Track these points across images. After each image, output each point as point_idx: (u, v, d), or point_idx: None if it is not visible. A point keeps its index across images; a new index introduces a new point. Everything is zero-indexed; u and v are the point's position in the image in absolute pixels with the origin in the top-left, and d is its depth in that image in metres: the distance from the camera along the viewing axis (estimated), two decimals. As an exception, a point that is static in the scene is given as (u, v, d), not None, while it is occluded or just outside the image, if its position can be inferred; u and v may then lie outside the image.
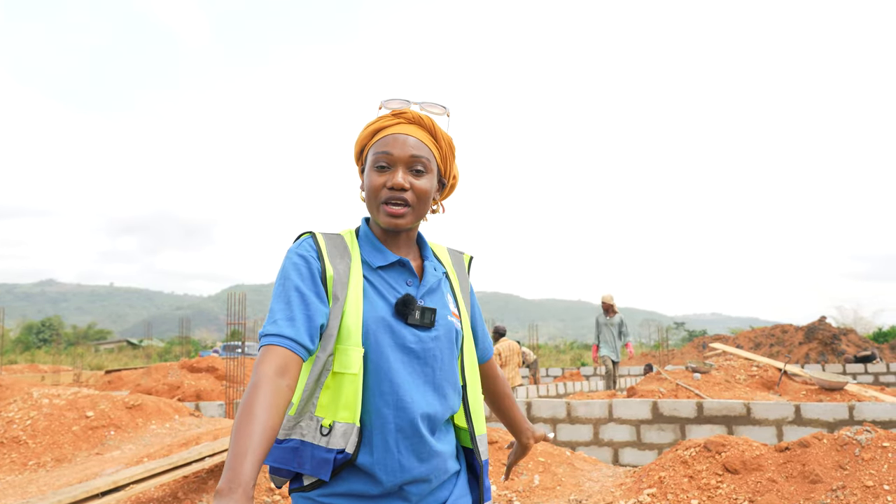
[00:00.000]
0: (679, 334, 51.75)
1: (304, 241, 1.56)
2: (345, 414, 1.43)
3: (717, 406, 7.49)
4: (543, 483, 6.30)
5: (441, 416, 1.55)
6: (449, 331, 1.59)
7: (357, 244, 1.61)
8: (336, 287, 1.50)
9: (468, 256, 1.82)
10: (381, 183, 1.55)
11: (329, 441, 1.42)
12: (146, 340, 51.21)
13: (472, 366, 1.66)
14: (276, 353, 1.36)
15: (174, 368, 14.57)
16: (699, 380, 12.52)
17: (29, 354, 36.40)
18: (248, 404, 1.26)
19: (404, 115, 1.60)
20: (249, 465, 1.16)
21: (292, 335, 1.39)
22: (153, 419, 8.95)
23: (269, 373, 1.32)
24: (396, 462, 1.46)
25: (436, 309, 1.57)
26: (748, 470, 5.41)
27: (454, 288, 1.70)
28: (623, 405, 7.87)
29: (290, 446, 1.45)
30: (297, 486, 1.48)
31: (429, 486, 1.51)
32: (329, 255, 1.53)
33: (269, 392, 1.28)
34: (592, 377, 19.90)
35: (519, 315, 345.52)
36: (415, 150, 1.56)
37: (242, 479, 1.13)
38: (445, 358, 1.57)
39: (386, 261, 1.57)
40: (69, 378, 20.01)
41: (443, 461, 1.54)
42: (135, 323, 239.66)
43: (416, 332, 1.52)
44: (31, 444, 7.85)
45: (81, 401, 8.80)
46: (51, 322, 53.23)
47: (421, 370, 1.52)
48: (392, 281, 1.58)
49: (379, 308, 1.51)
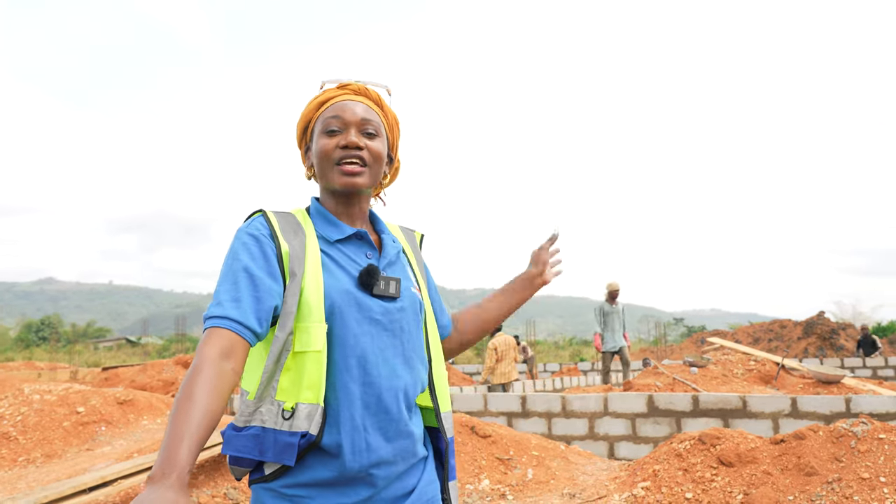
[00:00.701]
0: (678, 330, 51.70)
1: (254, 220, 1.48)
2: (308, 394, 1.35)
3: (713, 399, 7.43)
4: (537, 477, 6.24)
5: (412, 390, 1.49)
6: (413, 302, 1.54)
7: (310, 220, 1.55)
8: (293, 263, 1.42)
9: (419, 234, 1.79)
10: (334, 144, 1.51)
11: (292, 424, 1.34)
12: (145, 338, 51.15)
13: (435, 340, 1.61)
14: (220, 336, 1.29)
15: (169, 365, 14.53)
16: (696, 374, 12.47)
17: (28, 352, 36.36)
18: (188, 387, 1.18)
19: (349, 87, 1.58)
20: (186, 449, 1.08)
21: (238, 317, 1.32)
22: (145, 415, 8.89)
23: (212, 355, 1.25)
24: (363, 440, 1.38)
25: (400, 279, 1.52)
26: (743, 463, 5.35)
27: (411, 263, 1.66)
28: (618, 399, 7.81)
29: (250, 434, 1.36)
30: (257, 476, 1.40)
31: (395, 470, 1.43)
32: (283, 232, 1.46)
33: (211, 375, 1.21)
34: (590, 373, 19.86)
35: (517, 311, 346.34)
36: (366, 114, 1.54)
37: (178, 463, 1.06)
38: (412, 329, 1.52)
39: (342, 234, 1.52)
40: (66, 375, 19.96)
41: (411, 443, 1.47)
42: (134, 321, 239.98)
43: (382, 304, 1.47)
44: (21, 440, 7.79)
45: (73, 396, 8.74)
46: (50, 320, 53.15)
47: (389, 342, 1.46)
48: (351, 254, 1.52)
49: (342, 280, 1.45)
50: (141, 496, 1.00)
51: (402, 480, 1.45)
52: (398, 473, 1.44)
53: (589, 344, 43.99)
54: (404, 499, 1.45)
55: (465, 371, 20.58)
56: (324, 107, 1.56)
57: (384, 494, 1.42)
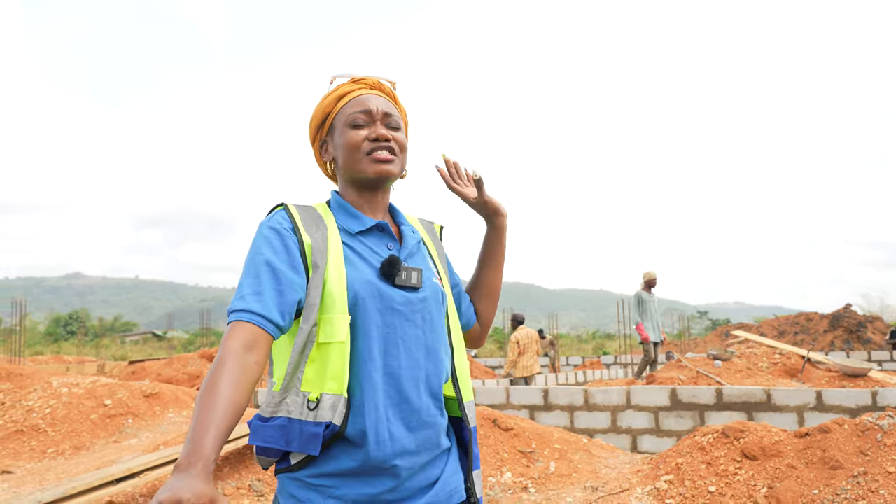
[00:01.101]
0: (702, 323, 51.34)
1: (276, 214, 1.51)
2: (332, 385, 1.37)
3: (737, 393, 7.38)
4: (559, 470, 6.24)
5: (435, 380, 1.50)
6: (435, 292, 1.55)
7: (331, 213, 1.57)
8: (315, 255, 1.44)
9: (439, 225, 1.80)
10: (363, 136, 1.54)
11: (317, 415, 1.36)
12: (170, 332, 51.69)
13: (457, 330, 1.62)
14: (243, 329, 1.31)
15: (194, 359, 14.70)
16: (720, 367, 12.38)
17: (56, 346, 36.89)
18: (212, 379, 1.21)
19: (365, 82, 1.60)
20: (211, 439, 1.11)
21: (260, 310, 1.34)
22: (170, 407, 9.00)
23: (235, 348, 1.27)
24: (386, 430, 1.40)
25: (422, 269, 1.53)
26: (767, 456, 5.31)
27: (431, 254, 1.67)
28: (641, 392, 7.79)
29: (276, 424, 1.38)
30: (284, 465, 1.42)
31: (419, 461, 1.45)
32: (304, 225, 1.48)
33: (235, 367, 1.24)
34: (613, 366, 19.78)
35: (540, 305, 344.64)
36: (387, 108, 1.58)
37: (203, 453, 1.08)
38: (435, 319, 1.53)
39: (364, 225, 1.54)
40: (93, 369, 20.24)
41: (434, 433, 1.48)
42: (160, 315, 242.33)
43: (404, 294, 1.48)
44: (50, 432, 7.92)
45: (100, 389, 8.87)
46: (78, 315, 53.87)
47: (412, 332, 1.47)
48: (372, 245, 1.53)
49: (364, 272, 1.47)
50: (167, 483, 1.02)
51: (426, 471, 1.47)
52: (421, 464, 1.45)
53: (612, 337, 43.77)
54: (428, 489, 1.46)
55: (487, 364, 20.61)
56: (343, 101, 1.58)
57: (408, 485, 1.43)
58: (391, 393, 1.42)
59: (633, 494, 5.54)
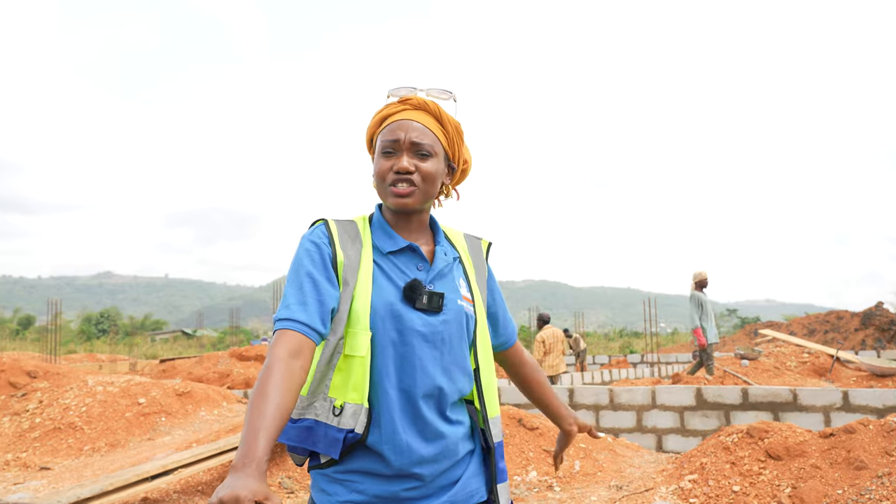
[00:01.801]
0: (731, 321, 50.84)
1: (316, 228, 1.61)
2: (354, 395, 1.48)
3: (763, 392, 7.38)
4: (584, 469, 6.30)
5: (448, 398, 1.58)
6: (459, 315, 1.61)
7: (369, 230, 1.65)
8: (346, 272, 1.54)
9: (486, 242, 1.84)
10: (388, 167, 1.59)
11: (340, 421, 1.47)
12: (200, 331, 52.28)
13: (485, 349, 1.68)
14: (289, 337, 1.42)
15: (224, 357, 14.90)
16: (747, 366, 12.34)
17: (88, 345, 37.49)
18: (262, 385, 1.31)
19: (410, 102, 1.64)
20: (263, 441, 1.21)
21: (304, 319, 1.44)
22: (202, 406, 9.17)
23: (282, 355, 1.38)
24: (403, 442, 1.50)
25: (444, 294, 1.59)
26: (791, 456, 5.34)
27: (468, 273, 1.72)
28: (666, 392, 7.81)
29: (304, 426, 1.50)
30: (315, 463, 1.54)
31: (439, 467, 1.55)
32: (340, 241, 1.58)
33: (283, 373, 1.34)
34: (640, 365, 19.72)
35: (567, 303, 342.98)
36: (419, 135, 1.60)
37: (256, 454, 1.19)
38: (454, 341, 1.59)
39: (396, 246, 1.61)
40: (126, 367, 20.58)
41: (452, 443, 1.57)
42: (189, 313, 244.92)
43: (423, 317, 1.56)
44: (86, 429, 8.12)
45: (134, 388, 9.06)
46: (109, 313, 54.69)
47: (430, 353, 1.55)
48: (402, 266, 1.61)
49: (387, 293, 1.55)
50: (225, 482, 1.14)
51: (447, 474, 1.57)
52: (443, 470, 1.56)
53: (639, 335, 43.49)
54: (449, 488, 1.57)
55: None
56: (384, 124, 1.64)
57: (430, 485, 1.54)
58: (406, 408, 1.52)
59: (658, 493, 5.59)
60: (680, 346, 33.40)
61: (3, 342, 28.65)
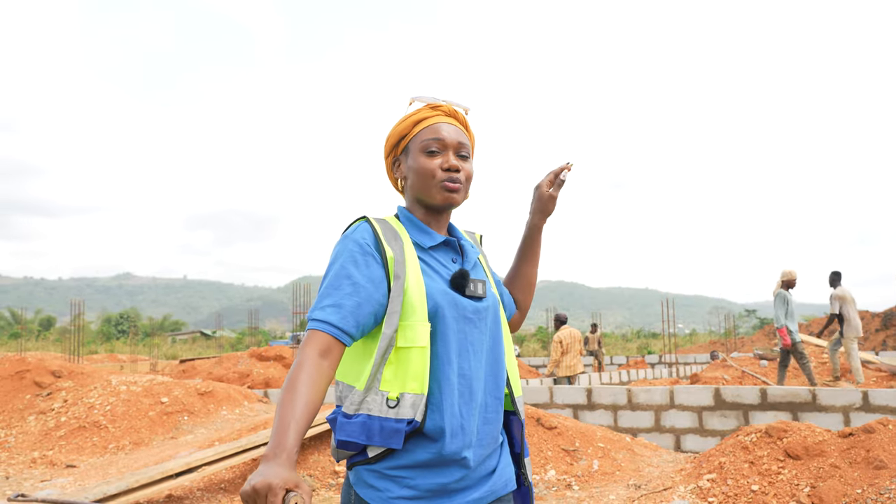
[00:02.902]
0: (750, 321, 50.49)
1: (360, 227, 1.66)
2: (413, 385, 1.54)
3: (782, 392, 7.38)
4: (603, 468, 6.33)
5: (499, 381, 1.67)
6: (495, 301, 1.72)
7: (403, 228, 1.72)
8: (397, 267, 1.60)
9: (479, 234, 1.96)
10: (437, 164, 1.68)
11: (398, 412, 1.52)
12: (219, 331, 52.65)
13: (506, 332, 1.79)
14: (319, 338, 1.48)
15: (244, 357, 15.03)
16: (766, 367, 12.30)
17: (109, 345, 37.88)
18: (291, 381, 1.39)
19: (441, 108, 1.74)
20: (293, 434, 1.29)
21: (336, 322, 1.50)
22: (224, 405, 9.29)
23: (312, 354, 1.45)
24: (459, 425, 1.56)
25: (485, 280, 1.69)
26: (810, 456, 5.34)
27: (483, 264, 1.84)
28: (685, 392, 7.82)
29: (358, 421, 1.55)
30: (360, 458, 1.57)
31: (482, 452, 1.62)
32: (386, 239, 1.63)
33: (312, 371, 1.41)
34: (658, 365, 19.68)
35: (584, 303, 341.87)
36: (461, 138, 1.72)
37: (286, 446, 1.26)
38: (494, 325, 1.69)
39: (434, 241, 1.70)
40: (146, 367, 20.80)
41: (494, 429, 1.66)
42: (208, 314, 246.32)
43: (472, 304, 1.64)
44: (110, 428, 8.25)
45: (157, 388, 9.19)
46: (128, 314, 55.29)
47: (479, 337, 1.64)
48: (441, 259, 1.70)
49: (440, 283, 1.64)
50: (257, 471, 1.21)
51: (486, 462, 1.65)
52: (484, 456, 1.64)
53: (657, 336, 43.31)
54: (489, 478, 1.65)
55: (530, 364, 20.66)
56: (419, 126, 1.71)
57: (473, 475, 1.61)
58: (464, 392, 1.59)
59: (676, 492, 5.62)
60: (698, 346, 33.26)
61: (26, 343, 29.02)
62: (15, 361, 10.13)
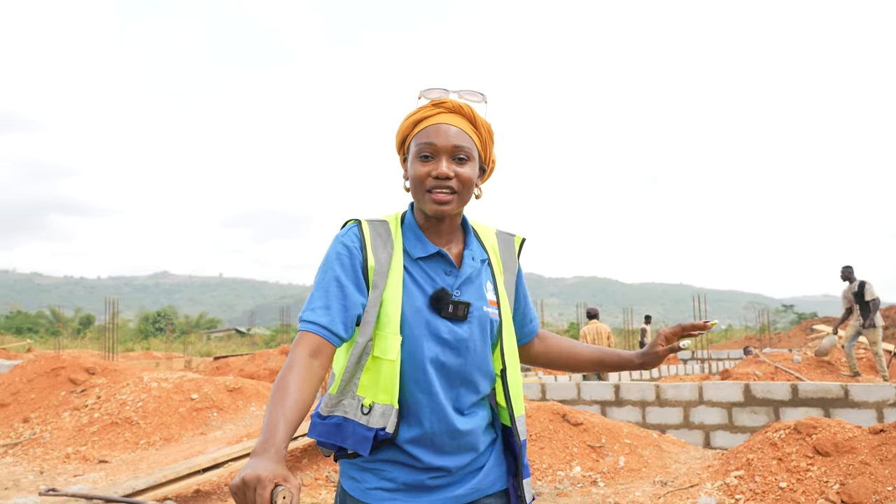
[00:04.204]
0: (787, 317, 49.70)
1: (349, 230, 1.64)
2: (383, 396, 1.55)
3: (813, 388, 7.25)
4: (629, 465, 6.28)
5: (469, 400, 1.64)
6: (483, 322, 1.65)
7: (400, 232, 1.68)
8: (376, 277, 1.59)
9: (520, 238, 1.84)
10: (426, 172, 1.60)
11: (369, 420, 1.54)
12: (253, 329, 53.20)
13: (511, 350, 1.71)
14: (309, 339, 1.50)
15: (274, 354, 15.18)
16: (800, 363, 12.10)
17: (146, 343, 38.49)
18: (282, 382, 1.40)
19: (444, 105, 1.64)
20: (282, 431, 1.30)
21: (326, 323, 1.51)
22: (252, 401, 9.39)
23: (302, 354, 1.46)
24: (430, 441, 1.58)
25: (469, 303, 1.63)
26: (840, 452, 5.25)
27: (495, 274, 1.74)
28: (714, 388, 7.72)
29: (333, 422, 1.57)
30: (342, 453, 1.61)
31: (464, 460, 1.62)
32: (372, 245, 1.61)
33: (302, 371, 1.43)
34: (690, 361, 19.45)
35: (617, 299, 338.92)
36: (457, 140, 1.60)
37: (275, 441, 1.27)
38: (478, 348, 1.64)
39: (426, 252, 1.64)
40: (181, 364, 21.08)
41: (474, 437, 1.64)
42: (242, 312, 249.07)
43: (449, 325, 1.61)
44: (142, 424, 8.38)
45: (187, 384, 9.31)
46: (165, 312, 56.06)
47: (454, 359, 1.60)
48: (431, 271, 1.64)
49: (416, 299, 1.60)
50: (246, 464, 1.22)
51: (473, 463, 1.65)
52: (467, 462, 1.63)
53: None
54: (474, 475, 1.64)
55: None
56: (419, 126, 1.63)
57: (456, 474, 1.62)
58: (434, 409, 1.58)
59: (703, 489, 5.55)
60: (732, 342, 32.81)
61: (65, 341, 29.59)
62: (50, 359, 10.34)
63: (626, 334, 22.50)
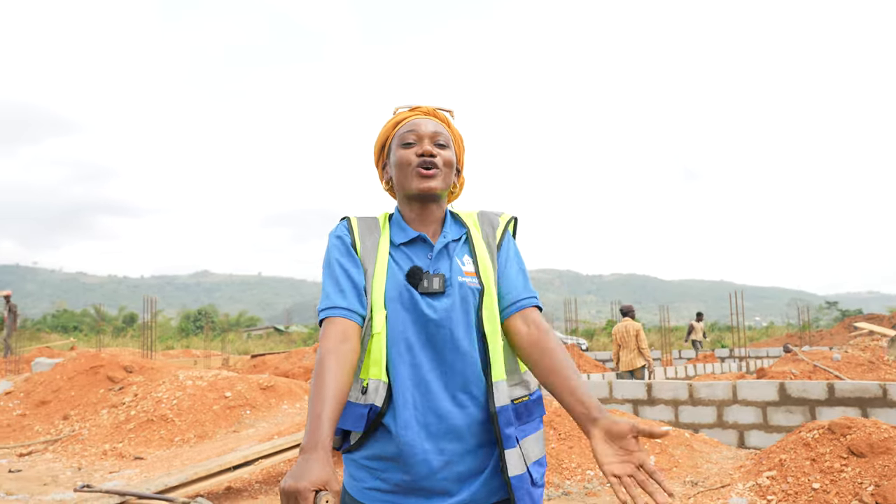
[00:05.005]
0: (831, 314, 48.76)
1: (339, 225, 1.80)
2: (375, 370, 1.60)
3: (850, 387, 7.09)
4: (659, 464, 6.22)
5: (459, 373, 1.62)
6: (465, 294, 1.67)
7: (388, 225, 1.79)
8: (364, 259, 1.70)
9: (507, 217, 1.86)
10: (412, 153, 1.74)
11: (366, 398, 1.59)
12: (291, 326, 53.70)
13: (491, 317, 1.67)
14: (335, 323, 1.59)
15: (309, 353, 15.30)
16: (839, 361, 11.85)
17: (186, 341, 39.08)
18: (318, 374, 1.49)
19: (419, 109, 1.82)
20: (326, 425, 1.38)
21: (344, 304, 1.61)
22: (285, 399, 9.48)
23: (331, 343, 1.55)
24: (413, 417, 1.58)
25: (444, 275, 1.68)
26: (875, 453, 5.13)
27: (475, 247, 1.74)
28: (748, 387, 7.60)
29: None
30: (346, 446, 1.66)
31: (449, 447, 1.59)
32: (360, 233, 1.75)
33: (335, 358, 1.51)
34: (728, 360, 19.18)
35: (656, 296, 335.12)
36: (438, 128, 1.78)
37: (321, 438, 1.35)
38: (460, 319, 1.65)
39: (407, 237, 1.74)
40: (219, 362, 21.37)
41: (460, 422, 1.60)
42: (281, 310, 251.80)
43: (428, 300, 1.65)
44: (177, 421, 8.52)
45: (221, 382, 9.44)
46: (205, 311, 56.88)
47: (436, 332, 1.63)
48: (413, 255, 1.72)
49: (397, 278, 1.68)
50: (291, 469, 1.28)
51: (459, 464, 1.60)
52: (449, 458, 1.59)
53: (732, 329, 42.15)
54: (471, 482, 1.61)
55: (597, 358, 20.40)
56: (399, 125, 1.79)
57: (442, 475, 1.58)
58: (418, 383, 1.61)
59: (734, 490, 5.47)
60: (773, 340, 32.29)
61: (107, 339, 30.19)
62: (90, 357, 10.56)
63: (665, 332, 22.19)
